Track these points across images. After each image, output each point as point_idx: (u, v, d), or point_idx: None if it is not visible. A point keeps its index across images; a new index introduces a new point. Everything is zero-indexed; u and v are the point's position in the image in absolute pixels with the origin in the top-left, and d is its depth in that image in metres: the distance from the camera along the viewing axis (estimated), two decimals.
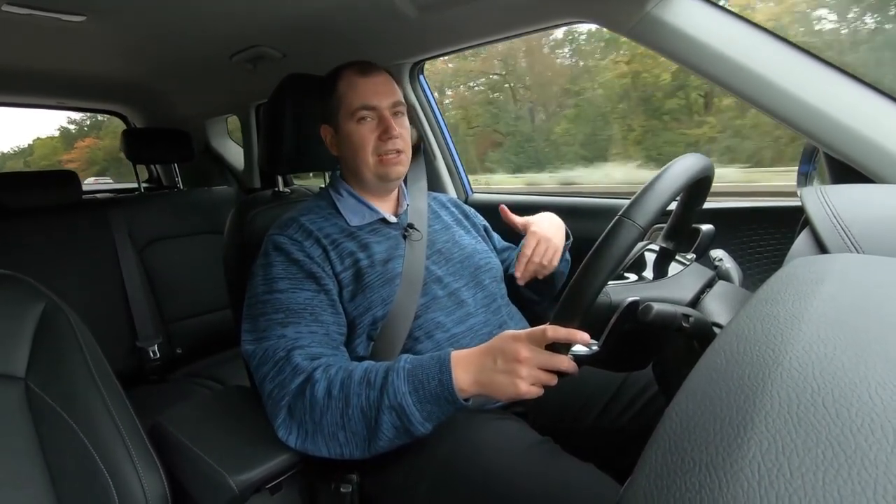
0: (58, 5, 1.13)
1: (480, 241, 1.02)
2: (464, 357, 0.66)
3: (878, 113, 0.80)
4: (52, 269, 1.48)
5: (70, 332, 0.72)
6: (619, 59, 4.71)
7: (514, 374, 0.62)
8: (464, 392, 0.64)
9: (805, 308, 0.33)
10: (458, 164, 1.64)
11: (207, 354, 1.78)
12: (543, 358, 0.61)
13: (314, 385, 0.69)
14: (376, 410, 0.66)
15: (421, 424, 0.65)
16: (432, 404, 0.65)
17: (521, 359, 0.61)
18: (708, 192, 0.71)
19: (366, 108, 0.86)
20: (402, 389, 0.65)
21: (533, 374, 0.61)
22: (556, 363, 0.61)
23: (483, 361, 0.64)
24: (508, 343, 0.63)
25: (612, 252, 0.54)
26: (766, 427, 0.24)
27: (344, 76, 0.89)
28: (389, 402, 0.65)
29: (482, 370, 0.64)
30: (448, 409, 0.66)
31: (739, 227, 1.07)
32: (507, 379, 0.62)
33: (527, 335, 0.63)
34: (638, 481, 0.26)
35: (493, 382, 0.63)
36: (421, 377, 0.66)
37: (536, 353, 0.61)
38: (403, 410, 0.65)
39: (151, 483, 0.68)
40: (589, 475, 0.67)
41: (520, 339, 0.63)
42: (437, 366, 0.66)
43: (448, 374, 0.64)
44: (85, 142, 14.03)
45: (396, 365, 0.68)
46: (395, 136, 0.86)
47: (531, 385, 0.62)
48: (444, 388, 0.64)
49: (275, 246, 0.83)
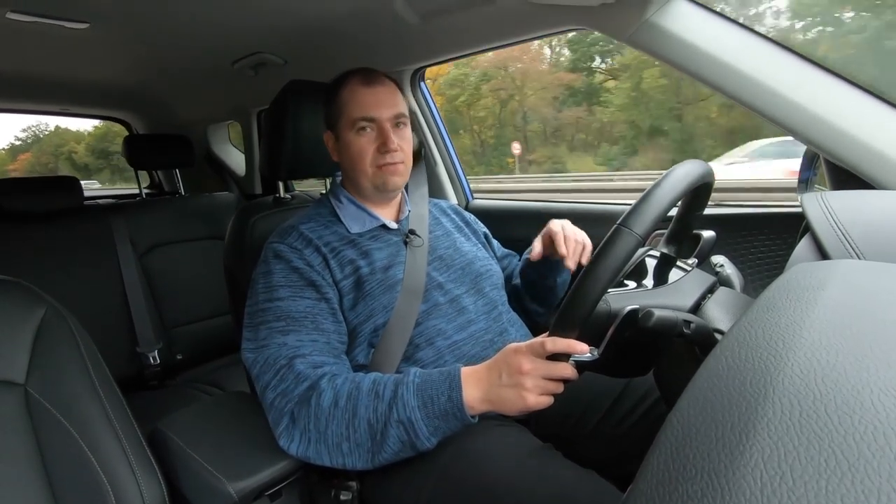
0: (61, 12, 1.14)
1: (481, 248, 1.02)
2: (473, 374, 0.66)
3: (879, 119, 0.80)
4: (52, 275, 1.48)
5: (70, 337, 0.72)
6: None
7: (520, 386, 0.62)
8: (473, 409, 0.65)
9: (806, 314, 0.33)
10: (458, 170, 1.64)
11: (207, 360, 1.78)
12: (546, 368, 0.61)
13: (321, 394, 0.69)
14: (384, 424, 0.66)
15: (427, 439, 0.66)
16: (440, 420, 0.65)
17: (524, 371, 0.62)
18: (708, 197, 0.71)
19: (365, 119, 0.85)
20: (412, 404, 0.65)
21: (538, 384, 0.62)
22: (559, 372, 0.61)
23: (490, 378, 0.65)
24: (511, 357, 0.64)
25: (610, 261, 0.54)
26: (768, 434, 0.24)
27: (347, 84, 0.88)
28: (398, 416, 0.65)
29: (490, 387, 0.65)
30: (455, 425, 0.66)
31: (740, 233, 1.07)
32: (513, 393, 0.63)
33: (527, 347, 0.63)
34: (639, 488, 0.25)
35: (501, 398, 0.64)
36: (431, 392, 0.66)
37: (539, 364, 0.61)
38: (412, 425, 0.65)
39: (150, 489, 0.68)
40: (590, 482, 0.67)
41: (521, 352, 0.63)
42: (447, 382, 0.66)
43: (458, 391, 0.65)
44: (25, 155, 18.96)
45: (406, 378, 0.68)
46: (392, 150, 0.86)
47: (539, 396, 0.62)
48: (453, 404, 0.65)
49: (275, 254, 0.83)
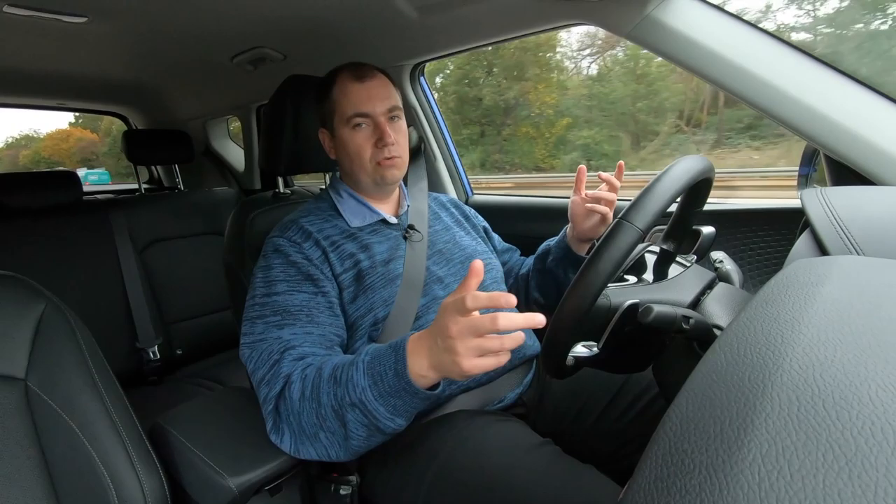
0: (59, 6, 1.13)
1: (481, 243, 1.02)
2: (416, 341, 0.59)
3: (878, 115, 0.80)
4: (52, 270, 1.48)
5: (70, 333, 0.72)
6: None
7: (453, 351, 0.54)
8: (424, 378, 0.58)
9: (805, 310, 0.33)
10: (458, 165, 1.64)
11: (207, 355, 1.78)
12: (474, 325, 0.53)
13: (291, 386, 0.67)
14: (343, 408, 0.62)
15: (390, 420, 0.61)
16: (394, 397, 0.59)
17: (451, 334, 0.54)
18: (708, 193, 0.71)
19: (360, 115, 0.85)
20: (362, 384, 0.60)
21: (470, 345, 0.53)
22: (486, 325, 0.52)
23: (431, 343, 0.57)
24: (441, 317, 0.55)
25: (611, 255, 0.54)
26: (766, 429, 0.24)
27: (338, 81, 0.88)
28: (350, 399, 0.61)
29: (431, 353, 0.57)
30: (412, 400, 0.60)
31: (740, 229, 1.07)
32: (448, 357, 0.55)
33: (451, 304, 0.54)
34: (638, 483, 0.26)
35: (441, 364, 0.56)
36: (379, 369, 0.60)
37: (463, 324, 0.53)
38: (365, 406, 0.60)
39: (151, 484, 0.68)
40: (589, 477, 0.67)
41: (447, 311, 0.55)
42: (392, 355, 0.60)
43: (403, 363, 0.58)
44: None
45: (357, 358, 0.63)
46: (389, 144, 0.85)
47: (475, 359, 0.54)
48: (400, 378, 0.58)
49: (274, 248, 0.83)
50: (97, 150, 15.91)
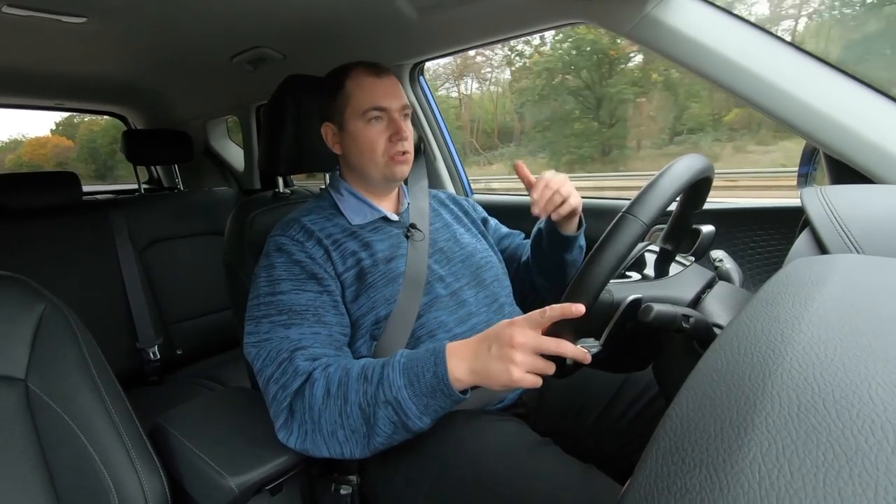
0: (58, 7, 1.13)
1: (481, 240, 1.02)
2: (459, 347, 0.64)
3: (878, 113, 0.80)
4: (52, 271, 1.48)
5: (70, 333, 0.72)
6: None
7: (508, 359, 0.58)
8: (460, 382, 0.62)
9: (805, 309, 0.33)
10: (458, 164, 1.64)
11: (208, 355, 1.78)
12: (539, 342, 0.58)
13: (313, 384, 0.68)
14: (373, 406, 0.65)
15: (418, 419, 0.64)
16: (428, 397, 0.63)
17: (515, 343, 0.58)
18: (708, 192, 0.71)
19: (377, 108, 0.86)
20: (398, 383, 0.64)
21: (528, 360, 0.58)
22: (552, 347, 0.57)
23: (478, 349, 0.62)
24: (504, 328, 0.60)
25: (617, 246, 0.54)
26: (766, 428, 0.24)
27: (354, 75, 0.88)
28: (385, 397, 0.64)
29: (477, 358, 0.62)
30: (444, 401, 0.64)
31: (740, 228, 1.07)
32: (500, 365, 0.59)
33: (524, 319, 0.60)
34: (638, 482, 0.26)
35: (487, 370, 0.60)
36: (416, 370, 0.64)
37: (531, 338, 0.58)
38: (399, 404, 0.64)
39: (151, 484, 0.68)
40: (589, 476, 0.67)
41: (516, 324, 0.60)
42: (431, 358, 0.64)
43: (443, 365, 0.63)
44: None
45: (392, 359, 0.67)
46: (404, 138, 0.87)
47: (526, 373, 0.58)
48: (438, 379, 0.62)
49: (277, 247, 0.83)
50: (69, 155, 17.08)
